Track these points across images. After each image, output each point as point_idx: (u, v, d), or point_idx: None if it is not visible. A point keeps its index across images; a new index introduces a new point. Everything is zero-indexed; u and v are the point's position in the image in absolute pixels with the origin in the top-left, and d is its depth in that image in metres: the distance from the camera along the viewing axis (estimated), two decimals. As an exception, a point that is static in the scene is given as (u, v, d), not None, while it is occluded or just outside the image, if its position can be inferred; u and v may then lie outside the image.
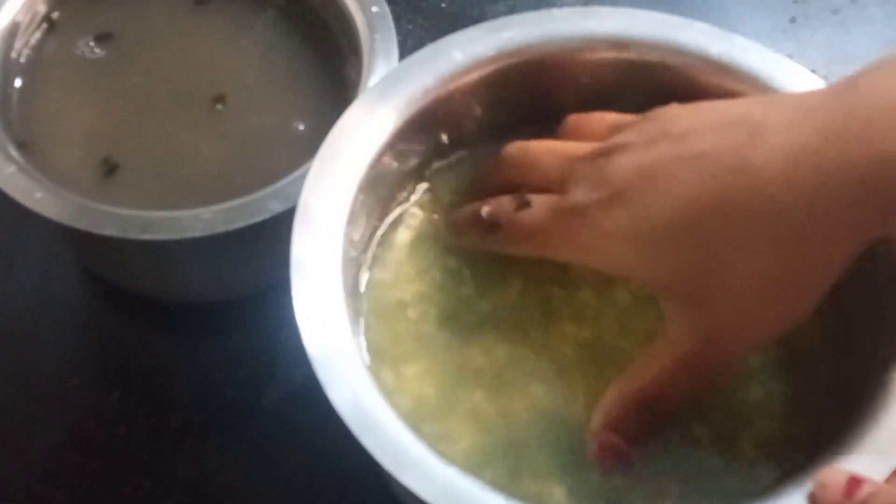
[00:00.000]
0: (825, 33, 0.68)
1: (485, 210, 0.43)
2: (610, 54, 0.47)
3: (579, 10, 0.47)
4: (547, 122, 0.46)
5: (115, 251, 0.53)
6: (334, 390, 0.37)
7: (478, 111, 0.47)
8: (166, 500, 0.51)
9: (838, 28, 0.68)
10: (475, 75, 0.46)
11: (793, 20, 0.68)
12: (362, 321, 0.44)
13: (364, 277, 0.45)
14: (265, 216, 0.47)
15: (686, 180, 0.38)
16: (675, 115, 0.41)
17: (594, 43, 0.46)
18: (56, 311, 0.57)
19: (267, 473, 0.51)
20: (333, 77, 0.55)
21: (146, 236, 0.47)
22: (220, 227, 0.47)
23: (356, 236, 0.44)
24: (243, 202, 0.48)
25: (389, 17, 0.53)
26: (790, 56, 0.47)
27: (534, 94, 0.47)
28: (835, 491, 0.33)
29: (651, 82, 0.47)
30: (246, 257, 0.52)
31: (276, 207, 0.47)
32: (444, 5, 0.68)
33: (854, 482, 0.33)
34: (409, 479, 0.36)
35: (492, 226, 0.43)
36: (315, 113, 0.54)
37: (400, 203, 0.47)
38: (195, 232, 0.47)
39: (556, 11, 0.47)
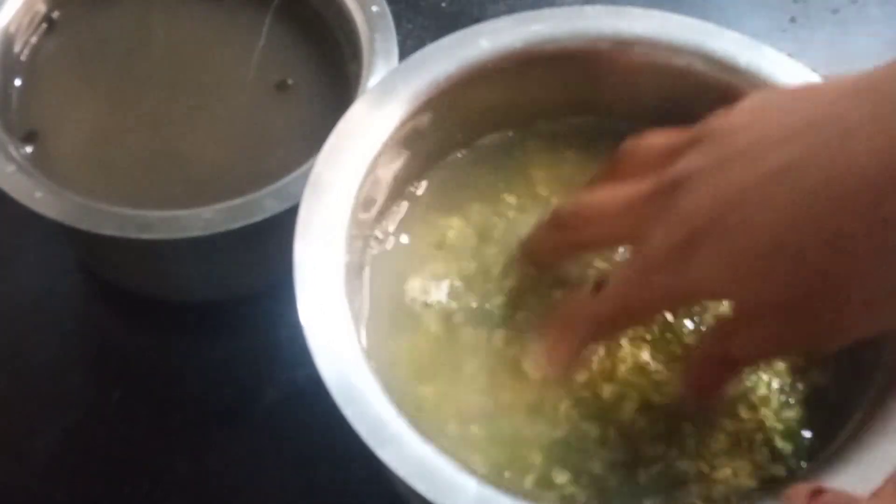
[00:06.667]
0: (825, 33, 0.68)
1: (561, 319, 0.40)
2: (637, 56, 0.46)
3: (612, 8, 0.47)
4: (565, 118, 0.47)
5: (114, 251, 0.53)
6: (322, 358, 0.37)
7: (496, 102, 0.47)
8: (166, 500, 0.51)
9: (838, 28, 0.68)
10: (499, 66, 0.46)
11: (793, 20, 0.68)
12: (364, 305, 0.44)
13: (368, 262, 0.45)
14: (265, 216, 0.47)
15: (773, 205, 0.33)
16: (739, 125, 0.36)
17: (622, 43, 0.46)
18: (56, 311, 0.57)
19: (267, 473, 0.51)
20: (333, 77, 0.55)
21: (145, 236, 0.47)
22: (220, 227, 0.47)
23: (365, 215, 0.44)
24: (243, 202, 0.48)
25: (389, 17, 0.53)
26: (790, 55, 0.47)
27: (555, 89, 0.48)
28: (797, 501, 0.33)
29: (675, 87, 0.47)
30: (246, 257, 0.52)
31: (276, 207, 0.47)
32: (444, 5, 0.68)
33: (816, 492, 0.33)
34: (385, 454, 0.36)
35: (575, 329, 0.40)
36: (315, 113, 0.54)
37: (411, 188, 0.47)
38: (195, 232, 0.47)
39: (588, 8, 0.47)
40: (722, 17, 0.54)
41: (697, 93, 0.46)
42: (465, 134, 0.48)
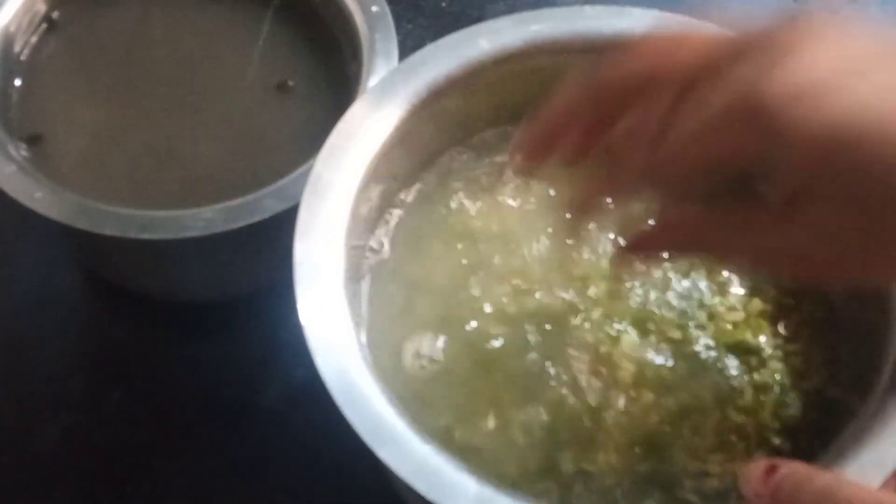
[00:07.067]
0: (825, 33, 0.68)
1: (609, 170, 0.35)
2: None
3: (612, 8, 0.47)
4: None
5: (114, 250, 0.53)
6: (322, 358, 0.38)
7: (495, 102, 0.47)
8: (166, 500, 0.51)
9: (838, 28, 0.68)
10: (499, 66, 0.46)
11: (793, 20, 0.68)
12: (363, 301, 0.44)
13: (367, 261, 0.45)
14: (265, 216, 0.47)
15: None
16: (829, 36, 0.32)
17: (623, 42, 0.46)
18: (56, 310, 0.57)
19: (266, 473, 0.51)
20: (333, 77, 0.55)
21: (146, 235, 0.47)
22: (220, 227, 0.47)
23: (365, 212, 0.44)
24: (243, 202, 0.48)
25: (389, 17, 0.53)
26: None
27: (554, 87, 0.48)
28: (756, 481, 0.34)
29: None
30: (246, 257, 0.52)
31: (276, 207, 0.47)
32: (444, 5, 0.68)
33: (771, 468, 0.34)
34: (384, 453, 0.36)
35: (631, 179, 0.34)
36: (315, 113, 0.54)
37: (407, 190, 0.47)
38: (195, 231, 0.47)
39: (587, 8, 0.47)
40: (722, 17, 0.54)
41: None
42: (463, 132, 0.48)
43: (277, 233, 0.43)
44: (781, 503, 0.33)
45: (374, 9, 0.54)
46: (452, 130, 0.48)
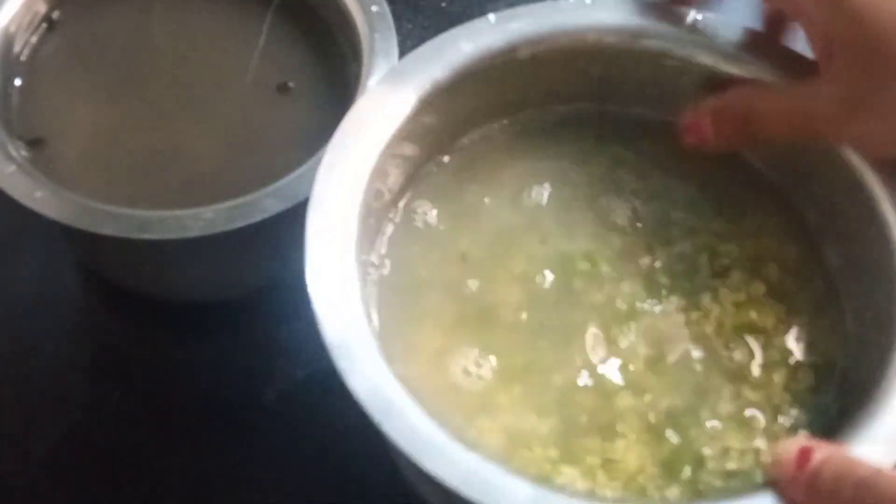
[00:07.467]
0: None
1: None
2: (619, 44, 0.47)
3: (609, 1, 0.47)
4: (553, 106, 0.48)
5: (114, 251, 0.53)
6: (354, 379, 0.37)
7: (481, 101, 0.48)
8: (166, 500, 0.51)
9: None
10: (489, 64, 0.46)
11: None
12: (374, 299, 0.44)
13: (370, 277, 0.45)
14: (265, 216, 0.47)
15: None
16: None
17: (603, 33, 0.47)
18: (56, 310, 0.57)
19: (266, 473, 0.51)
20: (333, 77, 0.55)
21: (145, 236, 0.47)
22: (220, 227, 0.47)
23: (370, 213, 0.44)
24: (243, 202, 0.48)
25: (389, 17, 0.53)
26: (787, 44, 0.47)
27: (546, 83, 0.48)
28: (788, 465, 0.33)
29: (660, 72, 0.47)
30: (246, 257, 0.52)
31: (276, 207, 0.47)
32: (444, 5, 0.68)
33: (805, 452, 0.33)
34: (433, 465, 0.36)
35: None
36: (315, 113, 0.54)
37: (422, 176, 0.47)
38: (195, 232, 0.47)
39: (563, 3, 0.47)
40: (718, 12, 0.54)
41: (689, 79, 0.47)
42: (449, 136, 0.48)
43: (277, 233, 0.43)
44: (821, 492, 0.33)
45: (374, 9, 0.54)
46: (438, 136, 0.48)
